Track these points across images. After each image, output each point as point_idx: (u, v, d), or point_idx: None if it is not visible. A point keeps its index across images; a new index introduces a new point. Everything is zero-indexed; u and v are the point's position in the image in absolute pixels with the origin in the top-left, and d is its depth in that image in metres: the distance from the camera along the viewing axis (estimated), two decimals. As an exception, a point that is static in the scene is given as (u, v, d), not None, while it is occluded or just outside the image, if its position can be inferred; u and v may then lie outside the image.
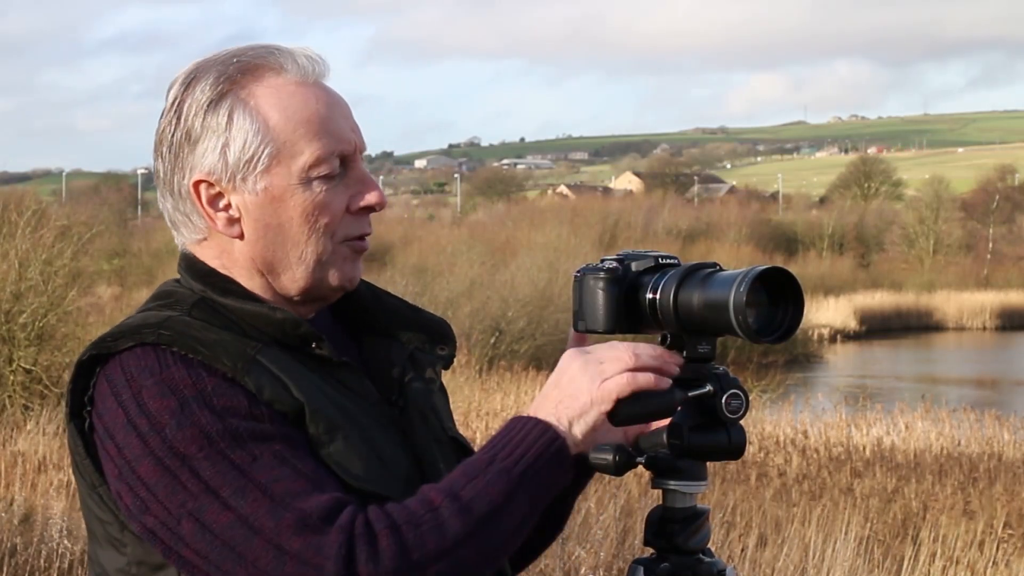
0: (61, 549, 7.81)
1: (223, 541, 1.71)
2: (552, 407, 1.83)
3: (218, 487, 1.72)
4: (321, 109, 1.91)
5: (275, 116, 1.89)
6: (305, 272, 1.92)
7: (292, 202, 1.90)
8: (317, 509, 1.71)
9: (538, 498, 1.80)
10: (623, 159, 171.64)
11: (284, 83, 1.91)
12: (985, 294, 49.82)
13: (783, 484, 11.90)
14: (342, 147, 1.91)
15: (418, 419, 1.96)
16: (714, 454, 1.92)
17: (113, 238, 39.18)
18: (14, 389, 14.70)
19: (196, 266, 1.95)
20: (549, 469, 1.80)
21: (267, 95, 1.90)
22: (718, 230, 54.32)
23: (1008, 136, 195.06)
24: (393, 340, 2.02)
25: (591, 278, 1.95)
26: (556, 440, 1.81)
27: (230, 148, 1.89)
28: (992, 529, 9.65)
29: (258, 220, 1.91)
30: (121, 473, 1.78)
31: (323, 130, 1.90)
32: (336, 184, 1.91)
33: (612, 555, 8.14)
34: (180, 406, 1.76)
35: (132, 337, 1.82)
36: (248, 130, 1.88)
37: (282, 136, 1.89)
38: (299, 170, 1.89)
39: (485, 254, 30.98)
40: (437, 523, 1.72)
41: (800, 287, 1.86)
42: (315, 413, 1.82)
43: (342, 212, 1.92)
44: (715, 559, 1.96)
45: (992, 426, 15.11)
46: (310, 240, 1.91)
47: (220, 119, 1.89)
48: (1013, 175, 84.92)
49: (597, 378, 1.83)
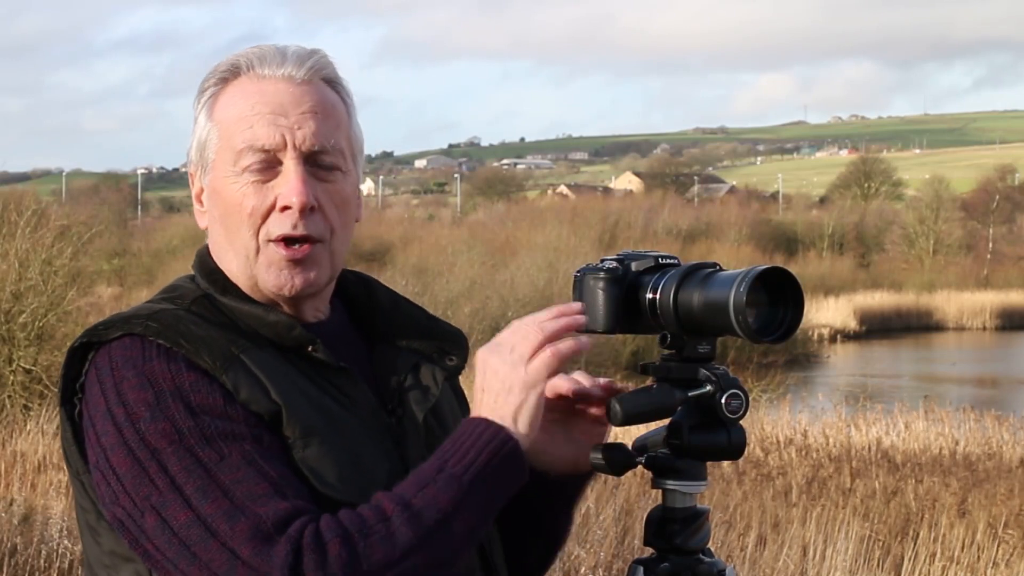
0: (61, 549, 7.81)
1: (180, 539, 1.73)
2: (490, 407, 1.82)
3: (183, 483, 1.75)
4: (257, 107, 1.93)
5: (226, 112, 1.95)
6: (242, 267, 1.94)
7: (226, 193, 1.94)
8: (273, 516, 1.72)
9: (491, 503, 1.79)
10: (623, 159, 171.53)
11: (248, 80, 1.96)
12: (985, 294, 49.82)
13: (783, 484, 11.90)
14: (264, 141, 1.91)
15: (412, 429, 1.95)
16: (714, 454, 1.92)
17: (113, 238, 39.20)
18: (14, 389, 14.70)
19: (206, 264, 1.98)
20: (501, 472, 1.79)
21: (230, 92, 1.96)
22: (718, 230, 54.31)
23: (1008, 136, 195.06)
24: (402, 349, 2.02)
25: (591, 278, 1.95)
26: (508, 441, 1.79)
27: (194, 143, 1.98)
28: (992, 529, 9.64)
29: (210, 210, 1.98)
30: (97, 461, 1.81)
31: (253, 125, 1.92)
32: (268, 180, 1.92)
33: (612, 555, 8.14)
34: (156, 399, 1.79)
35: (121, 327, 1.85)
36: (205, 126, 1.97)
37: (226, 131, 1.94)
38: (231, 162, 1.93)
39: (485, 254, 31.00)
40: (388, 532, 1.72)
41: (800, 287, 1.86)
42: (292, 416, 1.82)
43: (266, 208, 1.92)
44: (715, 559, 1.97)
45: (992, 426, 15.10)
46: (239, 230, 1.93)
47: (200, 115, 1.98)
48: (1013, 175, 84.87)
49: (519, 364, 1.81)
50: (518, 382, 1.81)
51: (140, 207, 77.42)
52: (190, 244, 40.23)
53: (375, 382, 1.97)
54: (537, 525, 2.07)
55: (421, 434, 1.96)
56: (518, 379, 1.81)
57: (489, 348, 1.85)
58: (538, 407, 1.82)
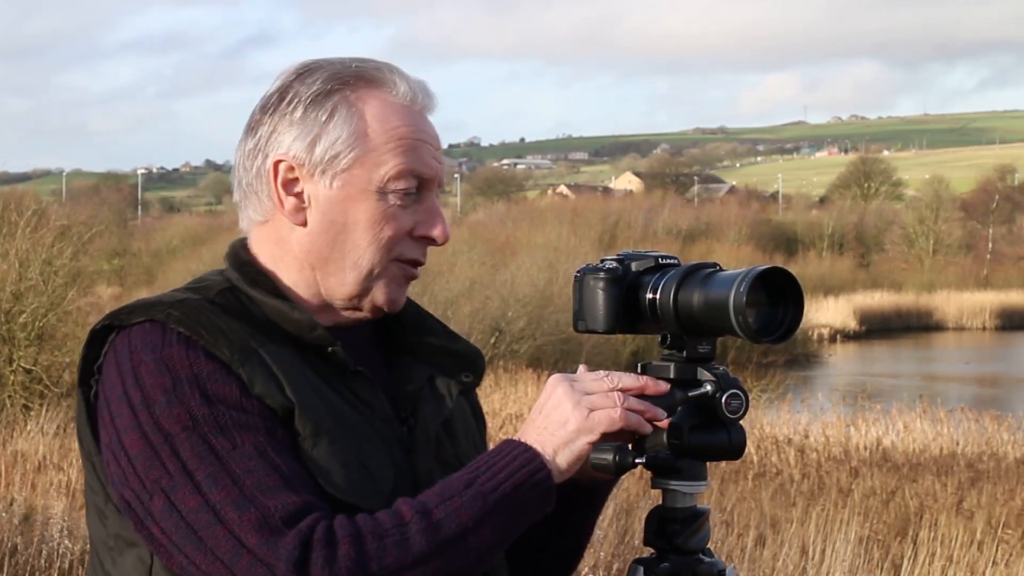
0: (61, 549, 7.81)
1: (188, 523, 1.74)
2: (536, 434, 1.83)
3: (194, 469, 1.76)
4: (416, 133, 1.96)
5: (374, 125, 1.94)
6: (356, 278, 1.95)
7: (363, 206, 1.93)
8: (282, 508, 1.73)
9: (511, 527, 1.80)
10: (623, 159, 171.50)
11: (392, 100, 1.96)
12: (985, 294, 49.83)
13: (782, 484, 11.91)
14: (423, 170, 1.95)
15: (424, 439, 1.96)
16: (714, 454, 1.92)
17: (113, 238, 39.23)
18: (14, 389, 14.71)
19: (239, 256, 1.99)
20: (528, 499, 1.80)
21: (374, 105, 1.95)
22: (718, 230, 54.31)
23: (1008, 136, 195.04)
24: (420, 360, 2.03)
25: (591, 278, 1.95)
26: (541, 471, 1.81)
27: (320, 141, 1.93)
28: (991, 529, 9.64)
29: (325, 214, 1.94)
30: (110, 441, 1.82)
31: (411, 150, 1.94)
32: (409, 205, 1.95)
33: (612, 555, 8.14)
34: (173, 385, 1.80)
35: (144, 312, 1.86)
36: (343, 130, 1.93)
37: (372, 144, 1.93)
38: (379, 179, 1.93)
39: (485, 254, 30.97)
40: (402, 538, 1.73)
41: (800, 287, 1.86)
42: (304, 414, 1.83)
43: (405, 232, 1.95)
44: (715, 559, 1.97)
45: (991, 426, 15.11)
46: (369, 248, 1.94)
47: (321, 113, 1.94)
48: (1013, 175, 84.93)
49: (584, 408, 1.83)
50: (577, 421, 1.82)
51: (140, 207, 77.47)
52: (190, 244, 40.28)
53: (390, 391, 1.98)
54: (559, 531, 2.06)
55: (432, 445, 1.97)
56: (579, 419, 1.82)
57: (565, 377, 1.87)
58: (582, 455, 1.83)
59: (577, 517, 2.06)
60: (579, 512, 2.06)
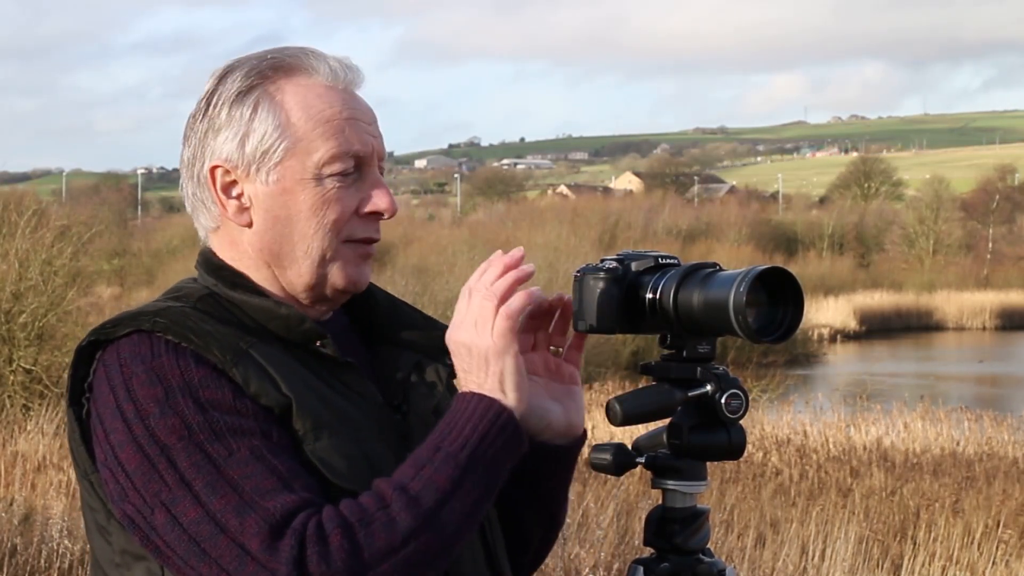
0: (61, 549, 7.80)
1: (190, 536, 1.74)
2: (476, 384, 1.84)
3: (192, 479, 1.76)
4: (343, 112, 1.95)
5: (297, 113, 1.94)
6: (310, 267, 1.95)
7: (302, 195, 1.93)
8: (281, 510, 1.74)
9: (491, 478, 1.81)
10: (623, 159, 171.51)
11: (313, 84, 1.96)
12: (985, 294, 49.83)
13: (782, 484, 11.91)
14: (357, 148, 1.95)
15: (419, 424, 1.96)
16: (714, 454, 1.93)
17: (113, 238, 39.21)
18: (14, 389, 14.70)
19: (211, 261, 1.99)
20: (500, 444, 1.81)
21: (294, 93, 1.95)
22: (718, 230, 54.32)
23: (1008, 136, 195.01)
24: (404, 348, 2.04)
25: (591, 278, 1.96)
26: (502, 412, 1.81)
27: (249, 139, 1.94)
28: (990, 529, 9.65)
29: (268, 211, 1.95)
30: (106, 458, 1.81)
31: (341, 131, 1.94)
32: (349, 185, 1.95)
33: (612, 555, 8.14)
34: (166, 395, 1.79)
35: (129, 324, 1.86)
36: (269, 124, 1.93)
37: (300, 132, 1.93)
38: (313, 165, 1.93)
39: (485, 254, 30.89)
40: (388, 519, 1.74)
41: (800, 287, 1.86)
42: (302, 409, 1.84)
43: (351, 213, 1.95)
44: (715, 559, 1.97)
45: (990, 426, 15.11)
46: (316, 234, 1.94)
47: (244, 111, 1.94)
48: (1013, 175, 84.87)
49: (485, 333, 1.83)
50: (491, 352, 1.83)
51: (140, 207, 77.46)
52: (190, 244, 40.23)
53: (377, 381, 1.98)
54: (535, 499, 2.06)
55: (427, 431, 1.96)
56: (490, 349, 1.83)
57: (453, 328, 1.87)
58: (519, 370, 1.84)
59: (550, 481, 2.05)
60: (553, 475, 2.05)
